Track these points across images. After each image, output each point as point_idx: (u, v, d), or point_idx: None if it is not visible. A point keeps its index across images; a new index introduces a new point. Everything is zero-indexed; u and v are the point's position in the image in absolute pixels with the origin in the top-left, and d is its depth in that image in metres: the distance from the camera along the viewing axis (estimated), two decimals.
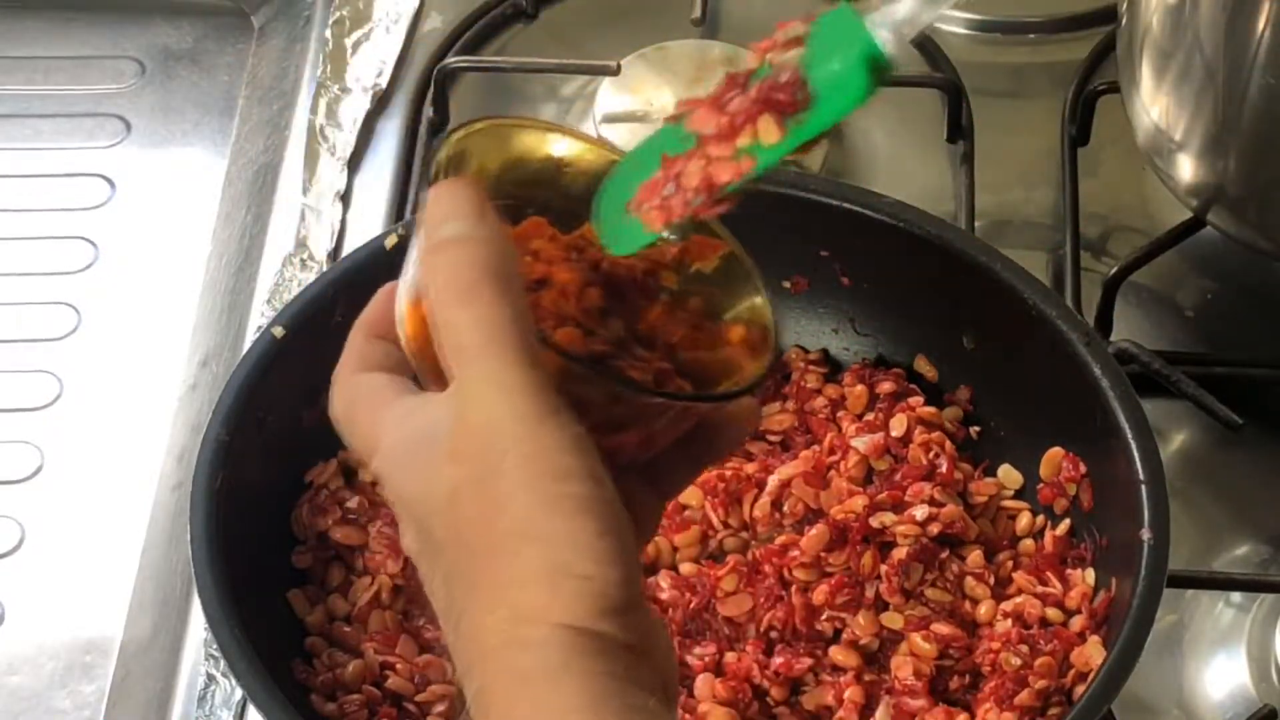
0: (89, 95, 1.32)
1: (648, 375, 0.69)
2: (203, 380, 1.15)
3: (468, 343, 0.64)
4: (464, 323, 0.64)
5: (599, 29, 1.31)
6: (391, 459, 0.67)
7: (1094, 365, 0.96)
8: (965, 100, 1.23)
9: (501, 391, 0.64)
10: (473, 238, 0.65)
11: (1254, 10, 0.99)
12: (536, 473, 0.63)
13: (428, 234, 0.66)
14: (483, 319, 0.64)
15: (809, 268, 1.05)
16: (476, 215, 0.66)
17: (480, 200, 0.66)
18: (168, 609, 1.06)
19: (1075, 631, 0.95)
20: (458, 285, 0.65)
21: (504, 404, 0.64)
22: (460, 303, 0.65)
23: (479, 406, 0.64)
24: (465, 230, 0.66)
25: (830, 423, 1.03)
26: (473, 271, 0.65)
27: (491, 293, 0.64)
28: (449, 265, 0.65)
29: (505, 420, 0.64)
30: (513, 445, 0.63)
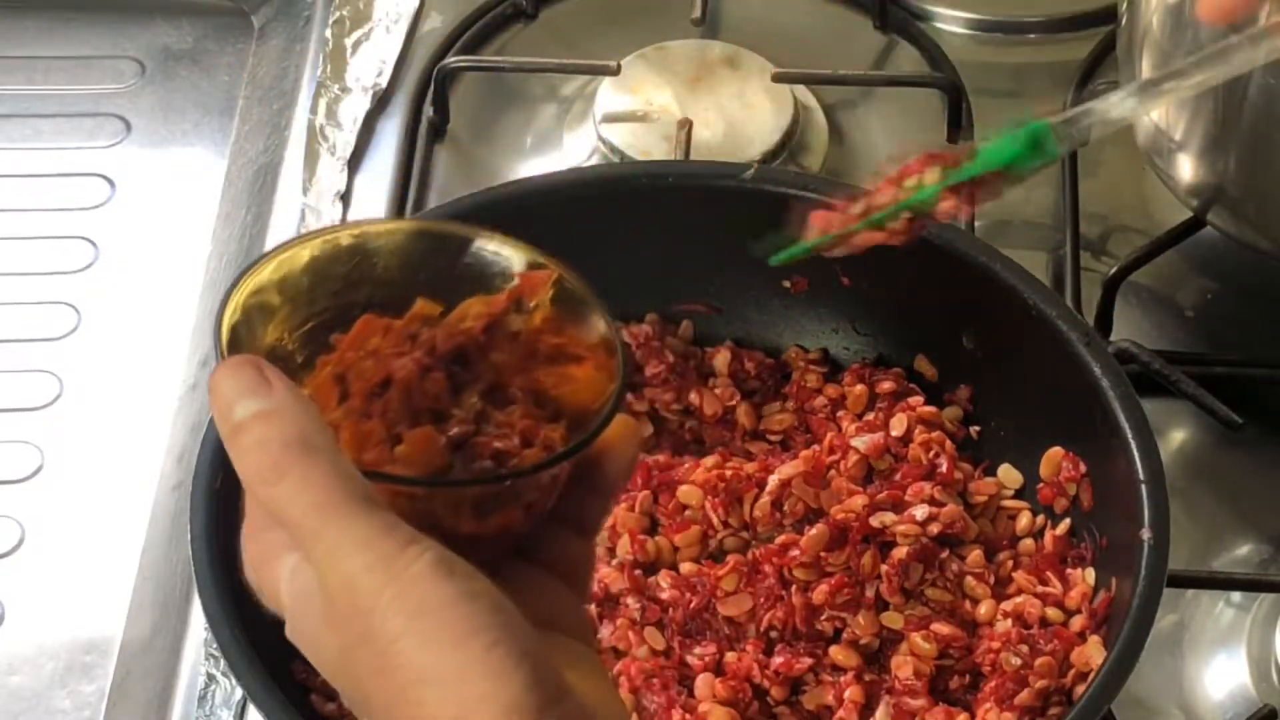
0: (89, 95, 1.32)
1: (513, 439, 0.68)
2: (203, 380, 1.15)
3: (294, 517, 0.63)
4: (283, 499, 0.63)
5: (599, 29, 1.31)
6: (292, 623, 0.67)
7: (1094, 365, 0.96)
8: (965, 100, 1.23)
9: (344, 551, 0.63)
10: (265, 413, 0.64)
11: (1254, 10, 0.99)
12: (407, 616, 0.62)
13: (220, 423, 0.65)
14: (300, 490, 0.63)
15: (809, 268, 1.05)
16: (260, 389, 0.65)
17: (258, 372, 0.65)
18: (168, 609, 1.06)
19: (1075, 631, 0.95)
20: (265, 465, 0.64)
21: (351, 562, 0.63)
22: (273, 480, 0.64)
23: (332, 572, 0.63)
24: (254, 408, 0.64)
25: (830, 422, 1.03)
26: (274, 447, 0.64)
27: (298, 461, 0.63)
28: (251, 448, 0.64)
29: (358, 577, 0.62)
30: (374, 599, 0.62)
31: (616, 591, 0.96)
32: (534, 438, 0.69)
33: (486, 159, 1.25)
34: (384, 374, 0.69)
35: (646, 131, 1.22)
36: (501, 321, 0.72)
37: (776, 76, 1.23)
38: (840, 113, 1.27)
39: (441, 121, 1.26)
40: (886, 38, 1.31)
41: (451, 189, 1.21)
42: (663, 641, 0.95)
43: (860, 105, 1.27)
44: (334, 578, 0.63)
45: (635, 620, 0.96)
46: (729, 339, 1.07)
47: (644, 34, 1.28)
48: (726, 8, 1.32)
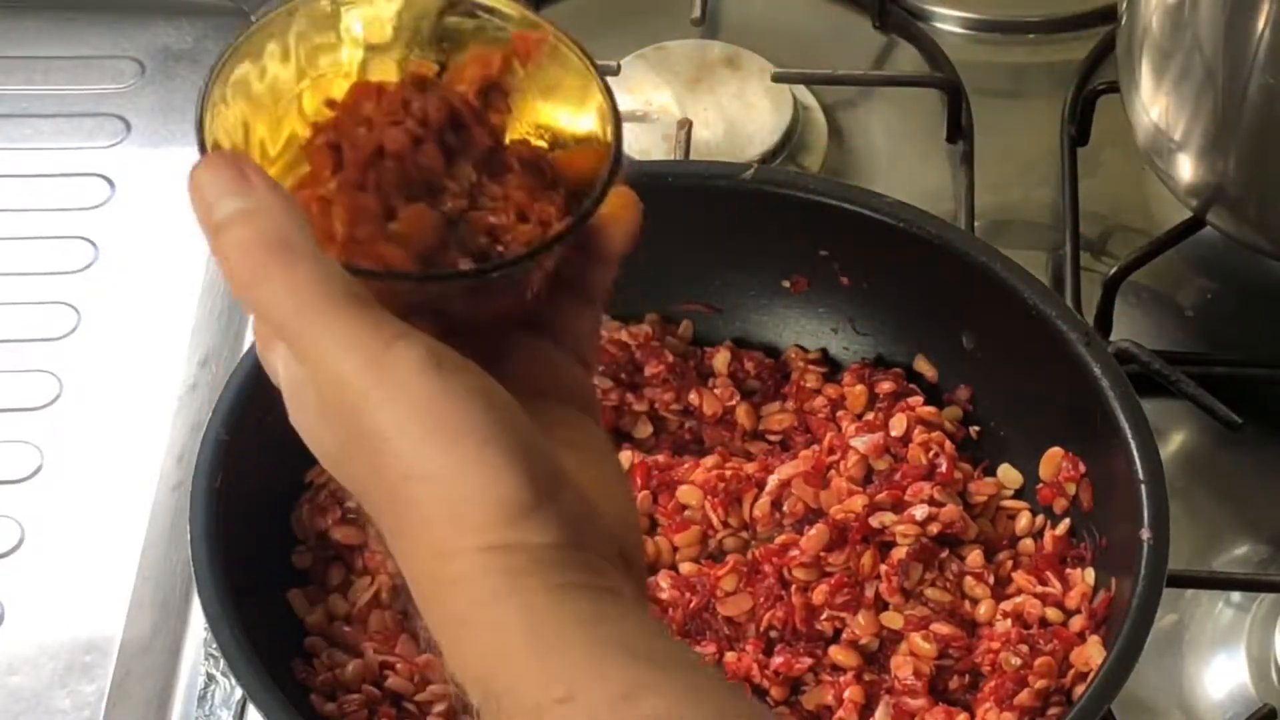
0: (89, 95, 1.32)
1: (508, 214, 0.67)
2: (203, 380, 1.15)
3: (279, 318, 0.63)
4: (269, 300, 0.63)
5: (599, 29, 1.31)
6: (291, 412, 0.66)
7: (1094, 365, 0.96)
8: (965, 100, 1.23)
9: (330, 352, 0.62)
10: (242, 212, 0.63)
11: (1254, 10, 0.99)
12: (399, 411, 0.61)
13: (201, 223, 0.64)
14: (283, 290, 0.62)
15: (809, 268, 1.05)
16: (240, 187, 0.63)
17: (238, 169, 0.64)
18: (168, 609, 1.06)
19: (1075, 631, 0.95)
20: (247, 267, 0.63)
21: (341, 359, 0.62)
22: (256, 282, 0.63)
23: (321, 369, 0.63)
24: (233, 206, 0.63)
25: (830, 422, 1.03)
26: (254, 249, 0.62)
27: (281, 261, 0.62)
28: (230, 250, 0.63)
29: (349, 374, 0.62)
30: (365, 395, 0.62)
31: None
32: (529, 212, 0.67)
33: None
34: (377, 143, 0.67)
35: (646, 131, 1.22)
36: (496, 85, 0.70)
37: (776, 76, 1.23)
38: (840, 113, 1.27)
39: None
40: (886, 37, 1.31)
41: None
42: None
43: (860, 105, 1.27)
44: (323, 376, 0.62)
45: None
46: (729, 339, 1.07)
47: (644, 34, 1.28)
48: (726, 8, 1.32)
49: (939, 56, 1.27)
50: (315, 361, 0.62)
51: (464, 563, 0.60)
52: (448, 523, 0.61)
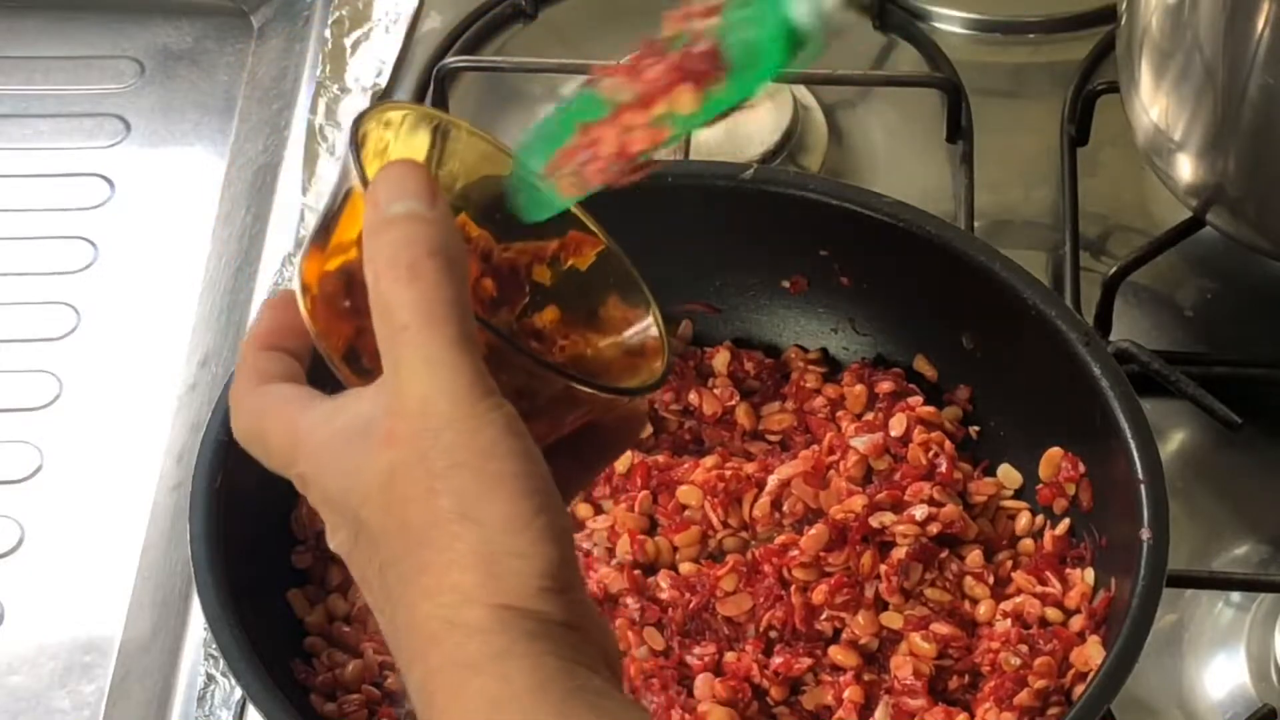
0: (89, 95, 1.32)
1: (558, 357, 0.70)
2: (203, 380, 1.15)
3: (407, 321, 0.64)
4: (405, 301, 0.64)
5: (599, 29, 1.31)
6: (319, 458, 0.67)
7: (1094, 365, 0.96)
8: (965, 100, 1.23)
9: (439, 370, 0.64)
10: (422, 217, 0.65)
11: (1254, 10, 0.99)
12: (473, 451, 0.63)
13: (374, 210, 0.66)
14: (424, 299, 0.64)
15: (809, 268, 1.05)
16: (427, 196, 0.66)
17: (430, 182, 0.66)
18: (168, 609, 1.06)
19: (1075, 631, 0.95)
20: (402, 263, 0.64)
21: (441, 383, 0.63)
22: (404, 281, 0.64)
23: (415, 385, 0.64)
24: (415, 209, 0.65)
25: (830, 422, 1.03)
26: (419, 250, 0.64)
27: (435, 272, 0.64)
28: (395, 243, 0.65)
29: (442, 399, 0.63)
30: (449, 424, 0.63)
31: (616, 592, 0.96)
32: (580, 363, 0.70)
33: None
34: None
35: None
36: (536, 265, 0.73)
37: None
38: (840, 113, 1.27)
39: None
40: (886, 37, 1.31)
41: None
42: (662, 641, 0.95)
43: (860, 105, 1.27)
44: (417, 388, 0.64)
45: (634, 620, 0.96)
46: (728, 339, 1.07)
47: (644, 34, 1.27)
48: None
49: (939, 56, 1.27)
50: (419, 370, 0.64)
51: (485, 614, 0.62)
52: (484, 572, 0.63)
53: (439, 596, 0.63)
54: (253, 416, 0.70)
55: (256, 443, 0.70)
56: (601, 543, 0.99)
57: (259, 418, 0.70)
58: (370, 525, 0.65)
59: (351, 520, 0.66)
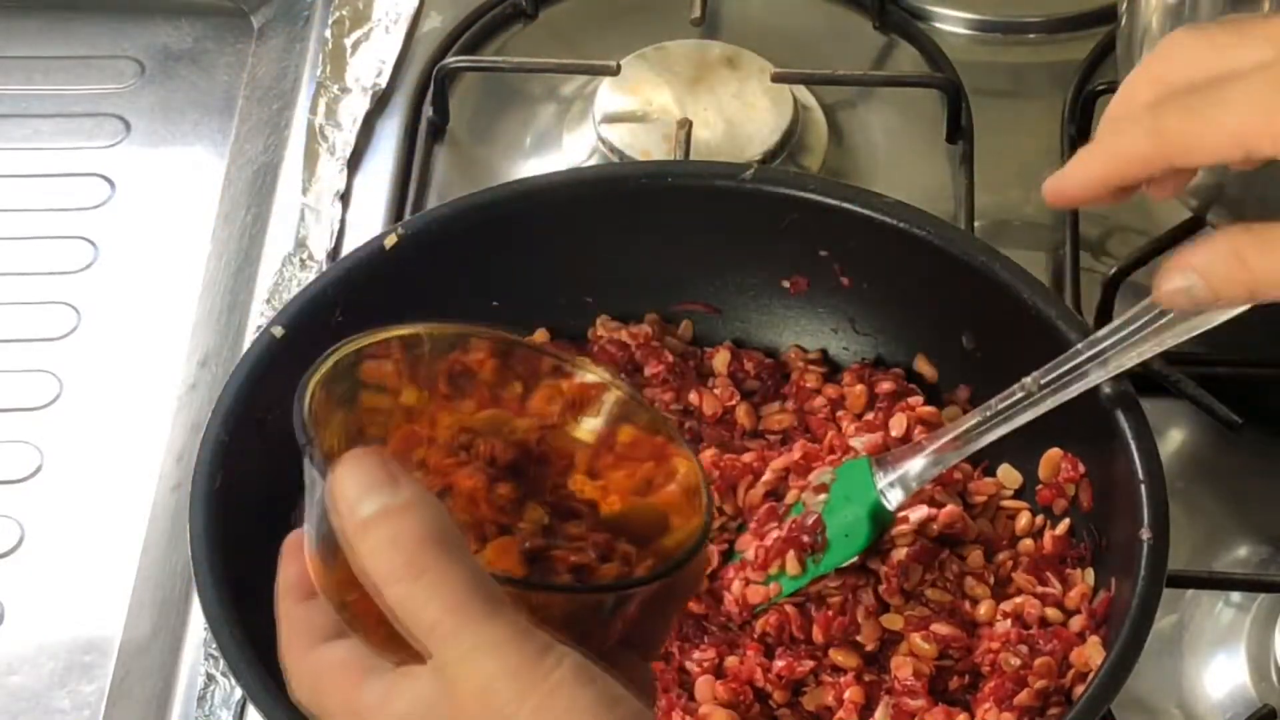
0: (89, 95, 1.32)
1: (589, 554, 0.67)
2: (203, 380, 1.15)
3: (432, 617, 0.61)
4: (420, 598, 0.61)
5: (599, 29, 1.31)
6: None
7: None
8: (965, 100, 1.23)
9: (483, 654, 0.61)
10: (395, 507, 0.62)
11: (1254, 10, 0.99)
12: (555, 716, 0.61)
13: (346, 518, 0.63)
14: (438, 589, 0.61)
15: (809, 268, 1.05)
16: (389, 483, 0.63)
17: (386, 466, 0.63)
18: (168, 609, 1.06)
19: (1075, 631, 0.95)
20: (398, 563, 0.61)
21: (493, 665, 0.61)
22: (408, 579, 0.61)
23: (469, 676, 0.61)
24: (384, 502, 0.62)
25: (830, 423, 1.03)
26: (409, 544, 0.61)
27: (436, 559, 0.61)
28: (382, 545, 0.62)
29: (500, 682, 0.61)
30: (517, 705, 0.61)
31: None
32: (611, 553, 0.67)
33: (486, 159, 1.25)
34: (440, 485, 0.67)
35: (646, 131, 1.22)
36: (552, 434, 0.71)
37: (776, 76, 1.23)
38: (840, 113, 1.27)
39: (441, 121, 1.26)
40: (886, 38, 1.31)
41: (451, 189, 1.22)
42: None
43: (860, 105, 1.27)
44: (470, 683, 0.61)
45: None
46: (728, 339, 1.07)
47: (644, 34, 1.28)
48: (726, 8, 1.32)
49: (939, 56, 1.27)
50: (463, 664, 0.61)
51: None
52: None
53: None
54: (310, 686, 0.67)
55: (316, 709, 0.67)
56: None
57: (316, 688, 0.67)
58: None
59: None
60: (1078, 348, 0.93)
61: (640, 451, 0.71)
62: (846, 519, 0.95)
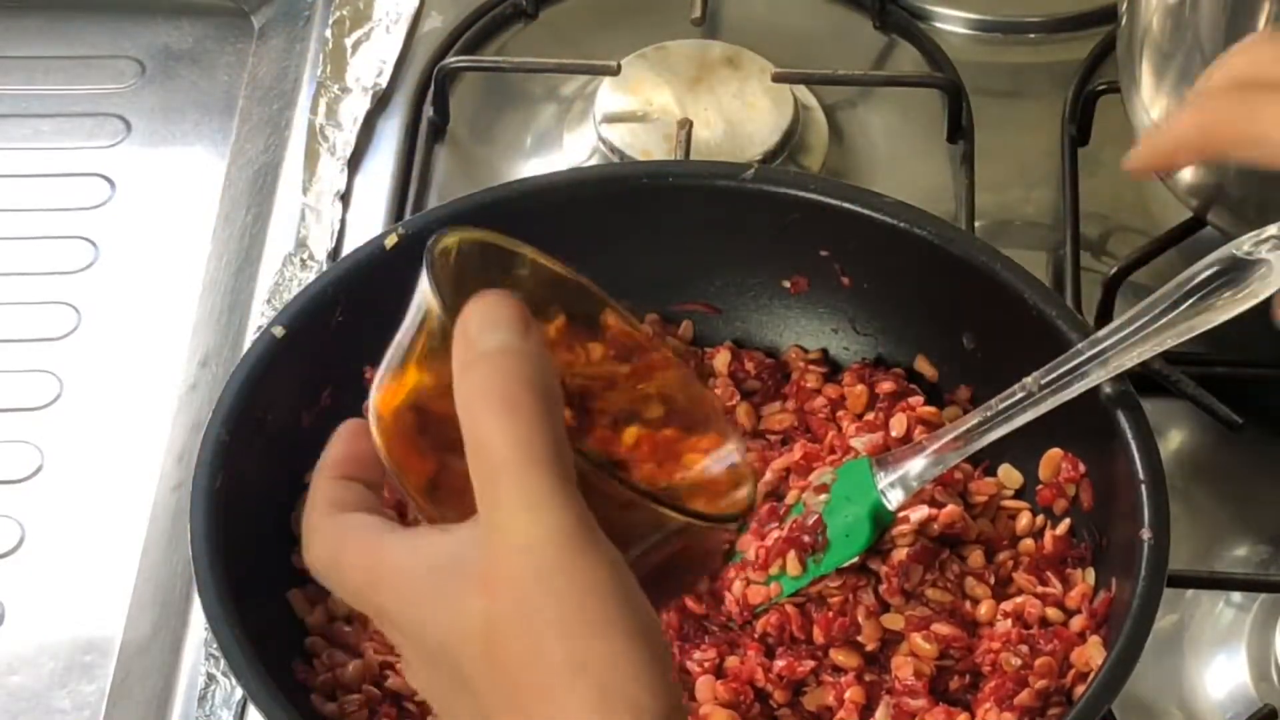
0: (89, 95, 1.32)
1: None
2: (203, 380, 1.15)
3: (506, 459, 0.61)
4: (503, 439, 0.61)
5: (599, 29, 1.31)
6: (403, 592, 0.64)
7: None
8: (965, 100, 1.23)
9: (543, 514, 0.61)
10: (518, 351, 0.62)
11: (1254, 10, 0.99)
12: (584, 598, 0.60)
13: (465, 344, 0.63)
14: (523, 436, 0.61)
15: (809, 268, 1.05)
16: (522, 328, 0.63)
17: (524, 313, 0.63)
18: (168, 609, 1.06)
19: (1075, 631, 0.95)
20: (498, 397, 0.61)
21: (545, 527, 0.61)
22: (501, 416, 0.61)
23: (518, 529, 0.61)
24: (510, 342, 0.62)
25: (830, 423, 1.03)
26: (515, 384, 0.61)
27: (533, 407, 0.61)
28: (489, 377, 0.62)
29: (547, 544, 0.61)
30: (556, 571, 0.60)
31: None
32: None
33: (486, 159, 1.25)
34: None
35: (646, 131, 1.22)
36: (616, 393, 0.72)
37: (776, 76, 1.23)
38: (840, 113, 1.27)
39: (441, 121, 1.26)
40: (886, 38, 1.31)
41: (451, 189, 1.22)
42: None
43: (860, 105, 1.27)
44: (516, 538, 0.61)
45: None
46: (729, 339, 1.07)
47: (644, 34, 1.28)
48: (726, 8, 1.32)
49: (939, 56, 1.27)
50: (514, 519, 0.61)
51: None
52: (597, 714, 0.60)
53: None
54: (329, 544, 0.67)
55: (332, 571, 0.67)
56: None
57: (336, 545, 0.67)
58: (467, 673, 0.63)
59: (444, 666, 0.63)
60: (1078, 347, 0.93)
61: (688, 434, 0.72)
62: (847, 519, 0.95)
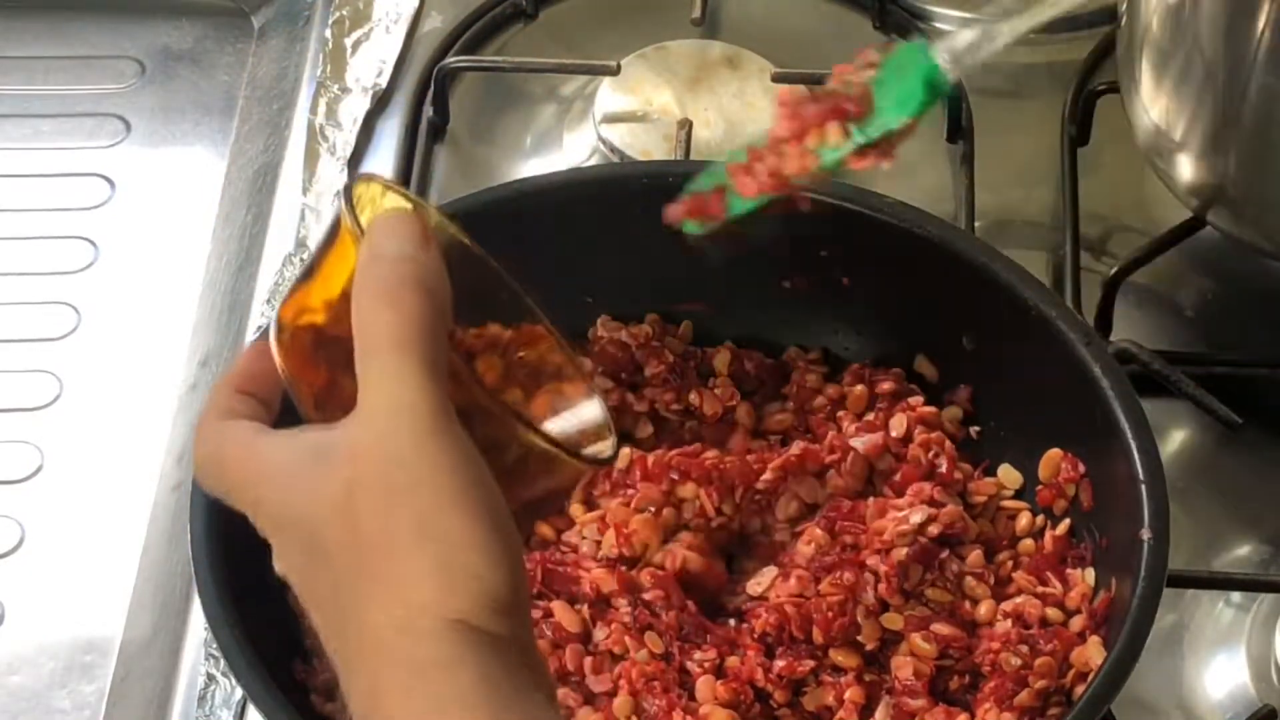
0: (89, 95, 1.32)
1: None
2: (203, 380, 1.15)
3: (383, 342, 0.67)
4: (382, 325, 0.67)
5: (599, 29, 1.31)
6: (277, 479, 0.69)
7: (1094, 365, 0.96)
8: (965, 100, 1.23)
9: (406, 390, 0.66)
10: (411, 258, 0.68)
11: (1254, 10, 0.99)
12: (436, 470, 0.66)
13: (368, 249, 0.69)
14: (400, 324, 0.67)
15: (809, 268, 1.05)
16: (420, 242, 0.69)
17: (425, 231, 0.70)
18: (168, 609, 1.06)
19: (1075, 631, 0.95)
20: (385, 292, 0.67)
21: (407, 402, 0.66)
22: (384, 306, 0.67)
23: (382, 401, 0.66)
24: (405, 250, 0.68)
25: (830, 422, 1.03)
26: (402, 284, 0.67)
27: (416, 303, 0.67)
28: (382, 275, 0.68)
29: (407, 416, 0.66)
30: (414, 443, 0.66)
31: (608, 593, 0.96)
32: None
33: (486, 159, 1.25)
34: None
35: (646, 131, 1.22)
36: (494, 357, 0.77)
37: (776, 76, 1.23)
38: None
39: (441, 121, 1.26)
40: (886, 38, 1.31)
41: (451, 189, 1.22)
42: (661, 645, 0.95)
43: None
44: (383, 404, 0.66)
45: (628, 625, 0.95)
46: (729, 339, 1.07)
47: (644, 34, 1.28)
48: (726, 8, 1.32)
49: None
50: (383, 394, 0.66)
51: (438, 625, 0.65)
52: (440, 588, 0.65)
53: (393, 609, 0.65)
54: (212, 444, 0.73)
55: (214, 467, 0.73)
56: (592, 535, 0.98)
57: (218, 445, 0.72)
58: (326, 542, 0.67)
59: (306, 539, 0.68)
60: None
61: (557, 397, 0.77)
62: (896, 86, 0.87)
